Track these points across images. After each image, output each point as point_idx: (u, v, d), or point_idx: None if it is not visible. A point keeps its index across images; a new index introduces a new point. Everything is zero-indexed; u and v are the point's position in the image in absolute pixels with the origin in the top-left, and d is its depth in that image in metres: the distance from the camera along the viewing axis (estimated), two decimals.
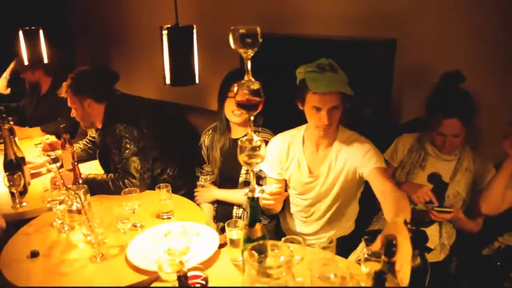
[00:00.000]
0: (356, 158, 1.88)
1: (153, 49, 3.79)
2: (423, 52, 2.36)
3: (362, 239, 1.97)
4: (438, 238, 2.00)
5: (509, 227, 1.96)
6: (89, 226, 1.63)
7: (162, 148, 2.53)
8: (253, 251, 1.10)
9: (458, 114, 1.89)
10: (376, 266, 1.31)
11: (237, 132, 2.36)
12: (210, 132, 2.48)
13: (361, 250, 1.91)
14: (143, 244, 1.71)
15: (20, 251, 1.73)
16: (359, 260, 1.41)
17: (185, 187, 2.59)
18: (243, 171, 2.32)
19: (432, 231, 2.00)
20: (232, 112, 2.27)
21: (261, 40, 1.16)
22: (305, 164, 2.00)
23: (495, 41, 2.14)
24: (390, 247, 1.18)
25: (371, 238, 1.61)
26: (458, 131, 1.92)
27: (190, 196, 2.40)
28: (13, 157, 2.22)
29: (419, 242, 1.93)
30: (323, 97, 1.78)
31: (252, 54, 1.18)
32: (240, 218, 2.34)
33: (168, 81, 1.57)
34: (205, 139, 2.49)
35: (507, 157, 1.80)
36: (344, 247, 1.93)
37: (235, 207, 2.39)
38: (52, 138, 2.89)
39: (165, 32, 1.53)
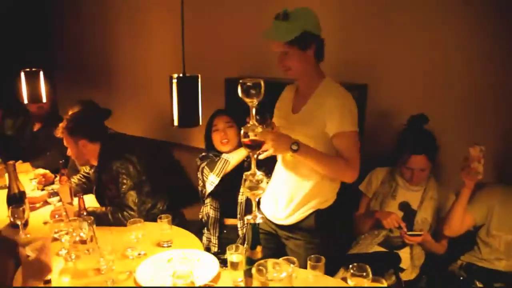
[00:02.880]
0: (325, 113, 1.90)
1: (146, 93, 3.99)
2: (392, 96, 2.60)
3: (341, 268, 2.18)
4: (409, 259, 2.25)
5: (469, 247, 2.24)
6: (100, 253, 1.79)
7: (152, 184, 2.67)
8: (261, 267, 1.30)
9: (424, 151, 2.18)
10: (362, 282, 1.52)
11: None
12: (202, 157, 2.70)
13: (341, 275, 2.12)
14: (149, 269, 1.87)
15: None
16: (343, 278, 1.61)
17: (175, 221, 2.73)
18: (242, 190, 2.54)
19: (404, 254, 2.25)
20: (220, 143, 2.59)
21: (263, 91, 1.40)
22: (291, 100, 2.06)
23: (455, 86, 2.41)
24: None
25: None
26: (424, 166, 2.21)
27: (181, 227, 2.51)
28: (16, 191, 2.34)
29: (394, 263, 2.19)
30: (271, 44, 1.87)
31: (256, 103, 1.42)
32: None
33: (176, 123, 1.78)
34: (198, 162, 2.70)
35: (463, 186, 2.09)
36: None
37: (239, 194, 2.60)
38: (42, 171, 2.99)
39: (174, 81, 1.75)
